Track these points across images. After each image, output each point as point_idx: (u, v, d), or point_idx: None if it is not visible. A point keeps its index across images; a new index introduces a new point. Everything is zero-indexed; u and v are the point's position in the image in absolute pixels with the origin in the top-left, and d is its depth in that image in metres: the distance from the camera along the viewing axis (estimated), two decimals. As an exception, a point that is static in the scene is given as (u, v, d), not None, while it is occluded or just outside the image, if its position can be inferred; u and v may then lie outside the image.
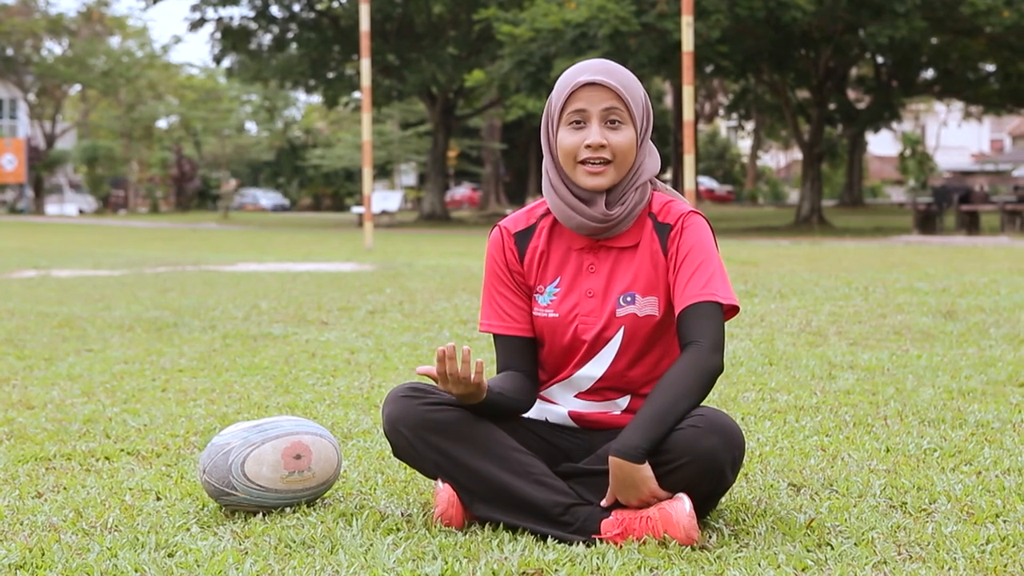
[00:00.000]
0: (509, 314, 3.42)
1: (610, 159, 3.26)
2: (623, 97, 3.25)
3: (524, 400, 3.39)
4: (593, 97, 3.26)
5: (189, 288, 11.98)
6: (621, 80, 3.28)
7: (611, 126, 3.26)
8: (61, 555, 3.07)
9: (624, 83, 3.28)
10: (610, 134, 3.26)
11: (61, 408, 5.24)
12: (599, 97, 3.26)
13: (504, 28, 30.91)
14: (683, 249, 3.28)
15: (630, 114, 3.27)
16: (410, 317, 8.85)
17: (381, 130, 58.85)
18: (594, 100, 3.26)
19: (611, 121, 3.26)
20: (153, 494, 3.72)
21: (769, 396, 5.32)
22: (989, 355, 6.43)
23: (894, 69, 37.75)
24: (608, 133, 3.26)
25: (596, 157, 3.25)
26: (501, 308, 3.42)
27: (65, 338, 7.80)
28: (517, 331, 3.41)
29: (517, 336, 3.41)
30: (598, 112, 3.26)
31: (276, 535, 3.21)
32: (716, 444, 3.10)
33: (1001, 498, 3.50)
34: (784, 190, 66.47)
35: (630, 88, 3.28)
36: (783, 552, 3.02)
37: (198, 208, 68.34)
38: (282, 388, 5.74)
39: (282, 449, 3.46)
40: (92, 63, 62.19)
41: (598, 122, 3.26)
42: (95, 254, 20.91)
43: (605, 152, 3.25)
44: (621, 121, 3.27)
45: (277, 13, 42.68)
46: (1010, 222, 25.10)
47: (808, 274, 12.66)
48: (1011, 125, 79.01)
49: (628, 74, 3.32)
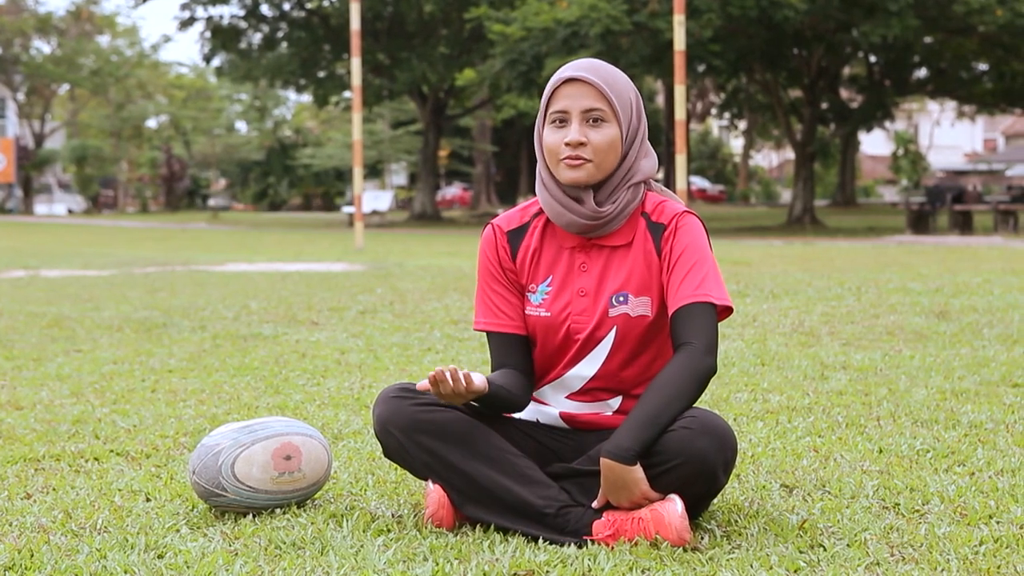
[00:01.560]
0: (503, 311, 3.40)
1: (589, 157, 3.25)
2: (605, 94, 3.24)
3: (521, 396, 3.38)
4: (575, 94, 3.25)
5: (179, 288, 11.95)
6: (605, 77, 3.26)
7: (592, 124, 3.25)
8: (50, 556, 3.05)
9: (608, 81, 3.26)
10: (590, 132, 3.25)
11: (50, 409, 5.22)
12: (581, 94, 3.25)
13: (495, 27, 30.88)
14: (677, 249, 3.27)
15: (613, 112, 3.25)
16: (401, 317, 8.83)
17: (372, 129, 58.82)
18: (576, 97, 3.25)
19: (592, 120, 3.25)
20: (143, 495, 3.70)
21: (761, 397, 5.30)
22: (982, 355, 6.43)
23: (887, 68, 37.76)
24: (588, 131, 3.25)
25: (575, 155, 3.24)
26: (495, 306, 3.41)
27: (54, 338, 7.77)
28: (512, 328, 3.40)
29: (511, 334, 3.40)
30: (579, 110, 3.25)
31: (266, 536, 3.20)
32: (708, 445, 3.08)
33: (994, 499, 3.49)
34: (776, 190, 66.51)
35: (614, 86, 3.27)
36: (775, 553, 3.01)
37: (187, 208, 68.24)
38: (272, 389, 5.72)
39: (272, 450, 3.45)
40: (81, 62, 62.11)
41: (578, 120, 3.25)
42: (84, 254, 20.87)
43: (584, 151, 3.24)
44: (603, 119, 3.25)
45: (267, 12, 42.65)
46: (1003, 222, 25.11)
47: (800, 274, 12.67)
48: (1004, 124, 79.07)
49: (616, 73, 3.30)
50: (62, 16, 63.13)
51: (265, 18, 42.67)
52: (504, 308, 3.40)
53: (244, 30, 43.02)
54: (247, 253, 21.04)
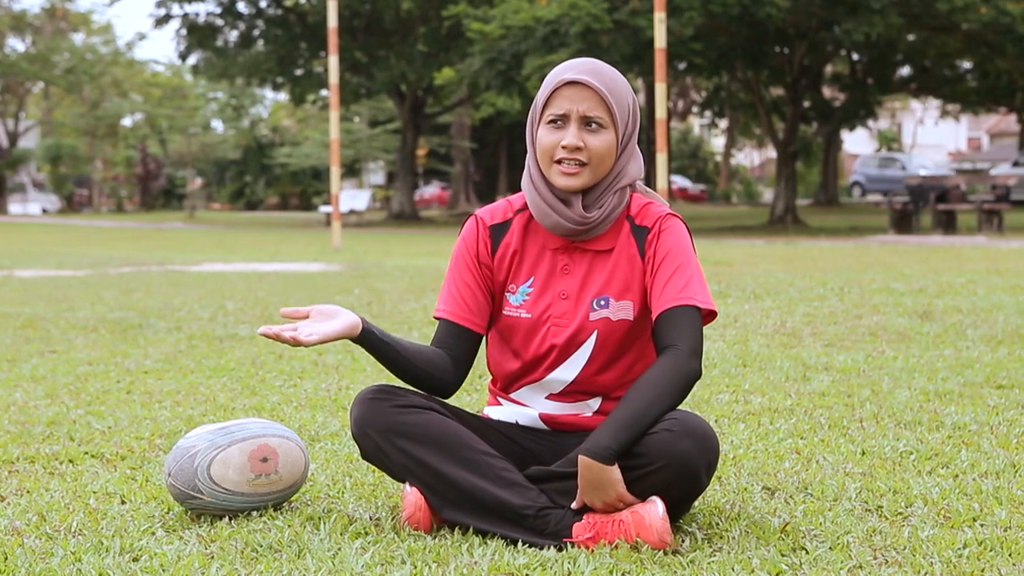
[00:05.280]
0: (467, 304, 3.37)
1: (586, 162, 3.22)
2: (606, 100, 3.21)
3: (437, 378, 3.32)
4: (575, 97, 3.22)
5: (154, 288, 11.90)
6: (607, 83, 3.23)
7: (590, 129, 3.22)
8: (24, 559, 3.02)
9: (610, 87, 3.23)
10: (588, 137, 3.22)
11: (24, 410, 5.17)
12: (581, 97, 3.21)
13: (474, 25, 30.84)
14: (661, 252, 3.25)
15: (612, 118, 3.23)
16: (379, 318, 8.80)
17: (349, 128, 58.72)
18: (576, 100, 3.22)
19: (590, 124, 3.22)
20: (118, 497, 3.66)
21: (743, 398, 5.29)
22: (966, 356, 6.41)
23: (870, 66, 37.74)
24: (586, 135, 3.22)
25: (571, 158, 3.21)
26: (461, 298, 3.37)
27: (28, 339, 7.72)
28: (469, 324, 3.37)
29: (466, 328, 3.37)
30: (578, 113, 3.22)
31: (243, 539, 3.17)
32: (690, 448, 3.06)
33: (978, 502, 3.48)
34: (758, 189, 66.50)
35: (615, 92, 3.24)
36: (757, 556, 2.98)
37: (163, 207, 68.05)
38: (248, 390, 5.68)
39: (248, 452, 3.42)
40: (55, 60, 61.74)
41: (576, 124, 3.22)
42: (59, 254, 20.79)
43: (581, 155, 3.21)
44: (601, 125, 3.22)
45: (244, 9, 42.50)
46: (987, 222, 25.11)
47: (782, 274, 12.66)
48: (988, 123, 79.33)
49: (617, 77, 3.27)
50: (36, 14, 62.80)
51: (241, 15, 42.54)
52: (468, 301, 3.37)
53: (220, 27, 42.88)
54: (223, 253, 20.98)
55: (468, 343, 3.37)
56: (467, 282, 3.38)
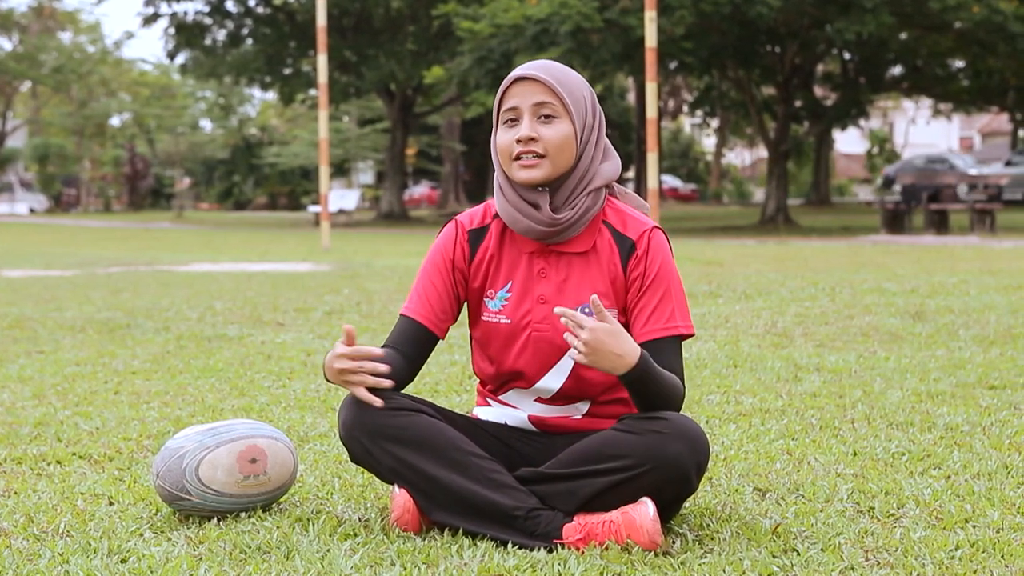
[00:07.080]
0: (434, 307, 3.36)
1: (542, 153, 3.21)
2: (556, 91, 3.22)
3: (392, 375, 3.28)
4: (525, 92, 3.24)
5: (142, 289, 11.87)
6: (554, 75, 3.24)
7: (543, 120, 3.23)
8: (11, 561, 3.01)
9: (559, 78, 3.24)
10: (542, 128, 3.22)
11: (11, 411, 5.15)
12: (530, 92, 3.23)
13: (464, 24, 30.80)
14: (648, 274, 3.26)
15: (565, 109, 3.23)
16: (368, 318, 8.78)
17: (338, 127, 58.64)
18: (526, 95, 3.23)
19: (544, 116, 3.23)
20: (105, 499, 3.65)
21: (734, 399, 5.28)
22: (958, 357, 6.41)
23: (861, 65, 37.72)
24: (540, 127, 3.22)
25: (527, 151, 3.21)
26: (429, 300, 3.36)
27: (15, 339, 7.69)
28: (433, 327, 3.36)
29: (427, 329, 3.35)
30: (529, 107, 3.23)
31: (231, 541, 3.16)
32: (681, 449, 3.06)
33: (970, 503, 3.47)
34: (749, 189, 66.52)
35: (566, 83, 3.24)
36: (748, 558, 2.98)
37: (151, 207, 67.96)
38: (237, 391, 5.66)
39: (237, 453, 3.40)
40: (43, 59, 61.58)
41: (529, 116, 3.23)
42: (46, 254, 20.74)
43: (536, 146, 3.21)
44: (554, 115, 3.23)
45: (232, 8, 42.41)
46: (980, 221, 25.09)
47: (774, 274, 12.65)
48: (981, 123, 79.35)
49: (567, 71, 3.28)
50: (24, 12, 62.67)
51: (230, 14, 42.46)
52: (435, 304, 3.36)
53: (209, 26, 42.78)
54: (212, 253, 20.95)
55: (425, 345, 3.36)
56: (437, 286, 3.37)
